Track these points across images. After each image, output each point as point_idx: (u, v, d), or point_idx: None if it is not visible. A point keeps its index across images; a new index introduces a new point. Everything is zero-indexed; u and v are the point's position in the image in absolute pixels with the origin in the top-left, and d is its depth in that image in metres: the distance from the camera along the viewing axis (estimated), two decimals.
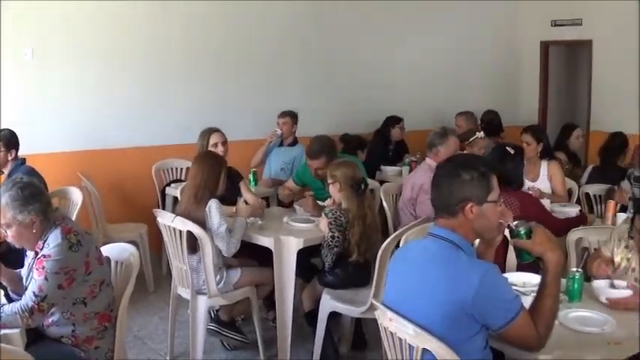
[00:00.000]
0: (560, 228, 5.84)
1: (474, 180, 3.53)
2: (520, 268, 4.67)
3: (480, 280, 3.33)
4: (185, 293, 6.24)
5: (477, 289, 3.32)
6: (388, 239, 5.46)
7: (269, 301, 6.76)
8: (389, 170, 10.02)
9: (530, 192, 7.31)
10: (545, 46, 14.33)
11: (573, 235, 5.98)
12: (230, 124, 8.54)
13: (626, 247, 5.04)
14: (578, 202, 8.09)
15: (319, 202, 6.87)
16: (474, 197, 3.53)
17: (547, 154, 8.24)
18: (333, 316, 6.23)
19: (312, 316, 6.28)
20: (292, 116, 9.29)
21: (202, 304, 6.10)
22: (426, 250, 3.63)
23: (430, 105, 12.46)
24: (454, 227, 3.57)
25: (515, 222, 3.77)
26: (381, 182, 8.59)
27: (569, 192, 8.24)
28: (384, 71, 12.02)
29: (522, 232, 3.73)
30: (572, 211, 7.20)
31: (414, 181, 7.36)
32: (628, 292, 4.40)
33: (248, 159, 9.12)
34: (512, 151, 6.10)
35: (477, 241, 3.94)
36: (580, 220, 6.61)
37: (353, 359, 6.61)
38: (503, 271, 4.92)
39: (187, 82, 9.83)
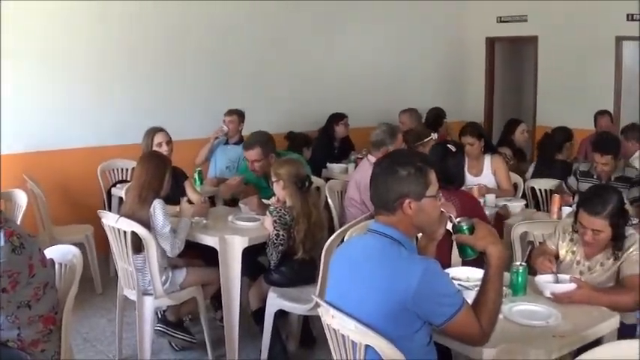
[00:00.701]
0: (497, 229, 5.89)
1: (411, 176, 3.53)
2: (465, 263, 4.69)
3: (421, 276, 3.34)
4: (131, 294, 6.21)
5: (418, 284, 3.32)
6: (332, 236, 5.50)
7: (216, 301, 6.75)
8: (335, 167, 10.07)
9: (476, 188, 7.38)
10: (491, 43, 14.50)
11: (518, 228, 6.05)
12: (175, 123, 8.54)
13: (571, 240, 5.12)
14: (524, 196, 8.19)
15: (264, 201, 6.85)
16: (411, 193, 3.53)
17: (489, 148, 8.33)
18: (281, 315, 6.26)
19: (259, 315, 6.26)
20: (239, 114, 9.30)
21: (149, 304, 6.07)
22: (366, 246, 3.64)
23: (376, 102, 12.52)
24: (394, 223, 3.58)
25: (458, 218, 3.82)
26: (328, 180, 8.65)
27: (515, 187, 8.34)
28: (329, 69, 12.12)
29: (465, 228, 3.78)
30: (518, 205, 7.31)
31: (357, 180, 7.37)
32: (572, 286, 4.44)
33: (193, 158, 9.12)
34: (453, 149, 6.08)
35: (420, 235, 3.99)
36: (498, 218, 6.81)
37: (301, 357, 6.61)
38: (449, 266, 4.95)
39: (132, 81, 9.80)
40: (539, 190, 8.20)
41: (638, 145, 9.02)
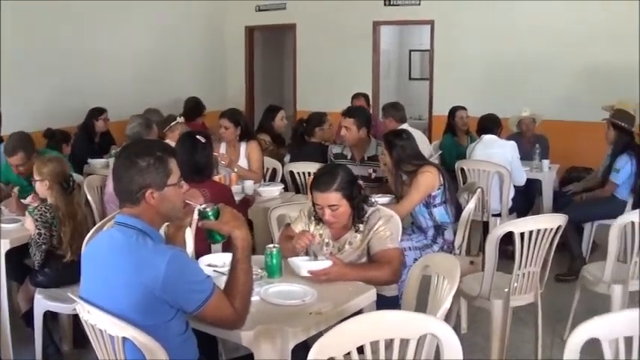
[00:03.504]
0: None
1: (151, 166, 3.58)
2: (226, 249, 4.81)
3: (167, 265, 3.40)
4: None
5: (165, 273, 3.39)
6: (89, 233, 5.45)
7: None
8: (96, 163, 9.97)
9: (234, 175, 7.62)
10: (250, 31, 14.75)
11: (275, 211, 6.20)
12: None
13: (318, 224, 5.29)
14: (283, 180, 8.44)
15: (22, 201, 6.76)
16: (153, 183, 3.59)
17: (245, 135, 8.49)
18: (52, 316, 6.25)
19: (29, 317, 6.19)
20: None
21: None
22: (112, 239, 3.64)
23: (137, 93, 12.47)
24: (138, 214, 3.61)
25: (204, 205, 3.89)
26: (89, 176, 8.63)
27: (274, 172, 8.63)
28: (88, 61, 11.87)
29: (210, 214, 3.84)
30: (276, 189, 7.55)
31: None
32: (328, 263, 4.57)
33: None
34: (203, 140, 6.15)
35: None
36: (244, 203, 7.00)
37: (77, 357, 6.56)
38: (209, 252, 5.02)
39: None
40: (298, 173, 8.40)
41: (396, 122, 9.42)
